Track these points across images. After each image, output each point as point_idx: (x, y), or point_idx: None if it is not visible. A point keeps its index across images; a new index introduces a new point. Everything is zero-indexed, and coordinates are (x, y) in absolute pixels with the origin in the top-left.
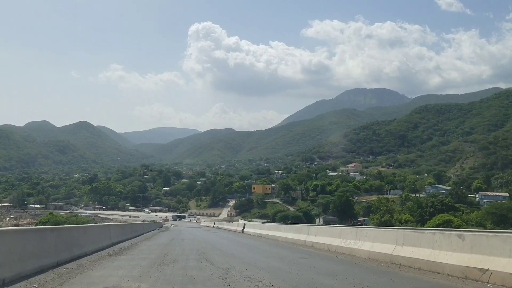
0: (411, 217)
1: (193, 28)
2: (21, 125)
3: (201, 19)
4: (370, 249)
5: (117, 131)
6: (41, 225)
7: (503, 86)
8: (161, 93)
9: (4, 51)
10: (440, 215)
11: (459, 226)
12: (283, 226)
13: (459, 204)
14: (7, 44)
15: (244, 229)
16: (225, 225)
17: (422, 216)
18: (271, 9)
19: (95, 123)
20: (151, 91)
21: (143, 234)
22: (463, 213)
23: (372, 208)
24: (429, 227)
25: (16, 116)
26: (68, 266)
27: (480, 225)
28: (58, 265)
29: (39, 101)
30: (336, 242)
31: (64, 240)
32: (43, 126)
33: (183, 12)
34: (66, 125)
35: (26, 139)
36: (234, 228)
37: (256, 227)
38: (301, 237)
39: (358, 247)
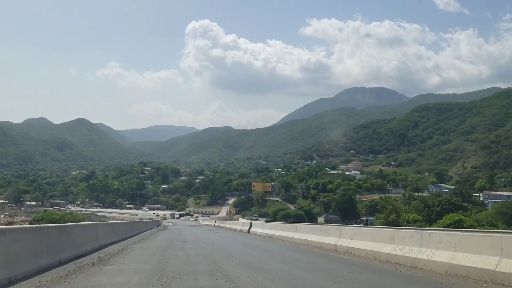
0: (419, 216)
1: (190, 26)
2: (19, 122)
3: (198, 17)
4: (450, 261)
5: (115, 129)
6: (36, 223)
7: (502, 85)
8: (159, 91)
9: (2, 48)
10: (451, 214)
11: (471, 226)
12: (303, 226)
13: (466, 204)
14: (5, 41)
15: (251, 229)
16: (228, 224)
17: (429, 215)
18: (268, 7)
19: (93, 120)
20: (149, 88)
21: (139, 233)
22: (471, 213)
23: (378, 207)
24: (440, 227)
25: (14, 113)
26: (24, 285)
27: (492, 225)
28: (10, 283)
29: (37, 98)
30: (386, 248)
31: (26, 245)
32: (41, 123)
33: (181, 10)
34: (64, 122)
35: (23, 136)
36: (238, 227)
37: (266, 227)
38: (330, 240)
39: (427, 258)
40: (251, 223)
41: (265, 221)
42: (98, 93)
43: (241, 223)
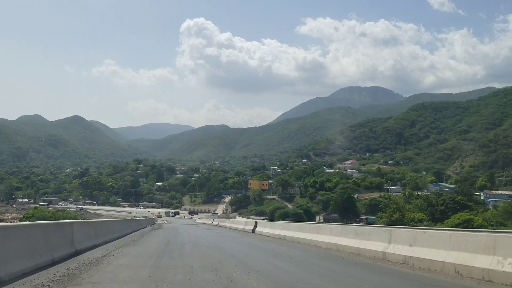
0: (425, 216)
1: (185, 24)
2: (13, 118)
3: (193, 15)
4: None
5: (111, 126)
6: (25, 220)
7: (497, 86)
8: (155, 89)
9: None
10: (460, 213)
11: (481, 226)
12: (329, 226)
13: (471, 203)
14: (0, 38)
15: (256, 229)
16: (228, 223)
17: (433, 214)
18: (263, 6)
19: (88, 118)
20: (144, 86)
21: (130, 233)
22: (478, 212)
23: (381, 205)
24: (448, 226)
25: (8, 110)
26: None
27: (501, 224)
28: None
29: (32, 95)
30: (481, 262)
31: None
32: (36, 120)
33: (176, 8)
34: (58, 120)
35: (18, 133)
36: (240, 226)
37: (276, 227)
38: (374, 245)
39: None
40: (256, 222)
41: (262, 219)
42: (94, 91)
43: (244, 222)
